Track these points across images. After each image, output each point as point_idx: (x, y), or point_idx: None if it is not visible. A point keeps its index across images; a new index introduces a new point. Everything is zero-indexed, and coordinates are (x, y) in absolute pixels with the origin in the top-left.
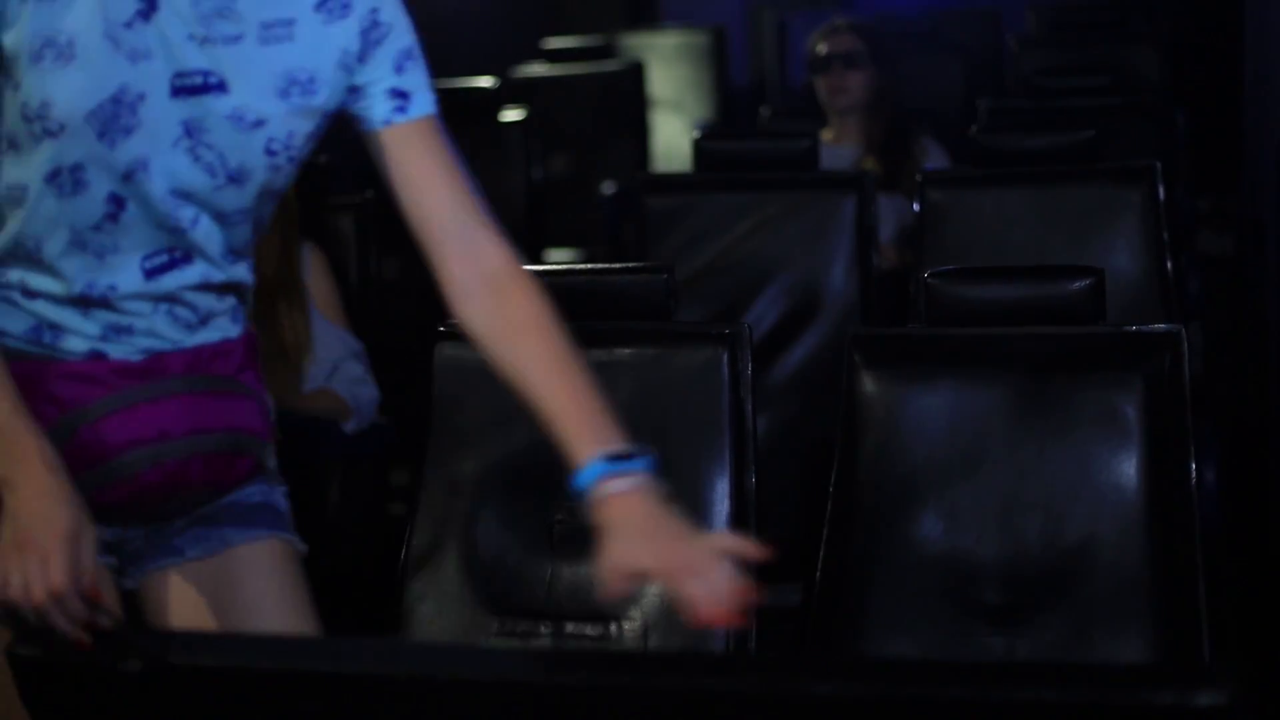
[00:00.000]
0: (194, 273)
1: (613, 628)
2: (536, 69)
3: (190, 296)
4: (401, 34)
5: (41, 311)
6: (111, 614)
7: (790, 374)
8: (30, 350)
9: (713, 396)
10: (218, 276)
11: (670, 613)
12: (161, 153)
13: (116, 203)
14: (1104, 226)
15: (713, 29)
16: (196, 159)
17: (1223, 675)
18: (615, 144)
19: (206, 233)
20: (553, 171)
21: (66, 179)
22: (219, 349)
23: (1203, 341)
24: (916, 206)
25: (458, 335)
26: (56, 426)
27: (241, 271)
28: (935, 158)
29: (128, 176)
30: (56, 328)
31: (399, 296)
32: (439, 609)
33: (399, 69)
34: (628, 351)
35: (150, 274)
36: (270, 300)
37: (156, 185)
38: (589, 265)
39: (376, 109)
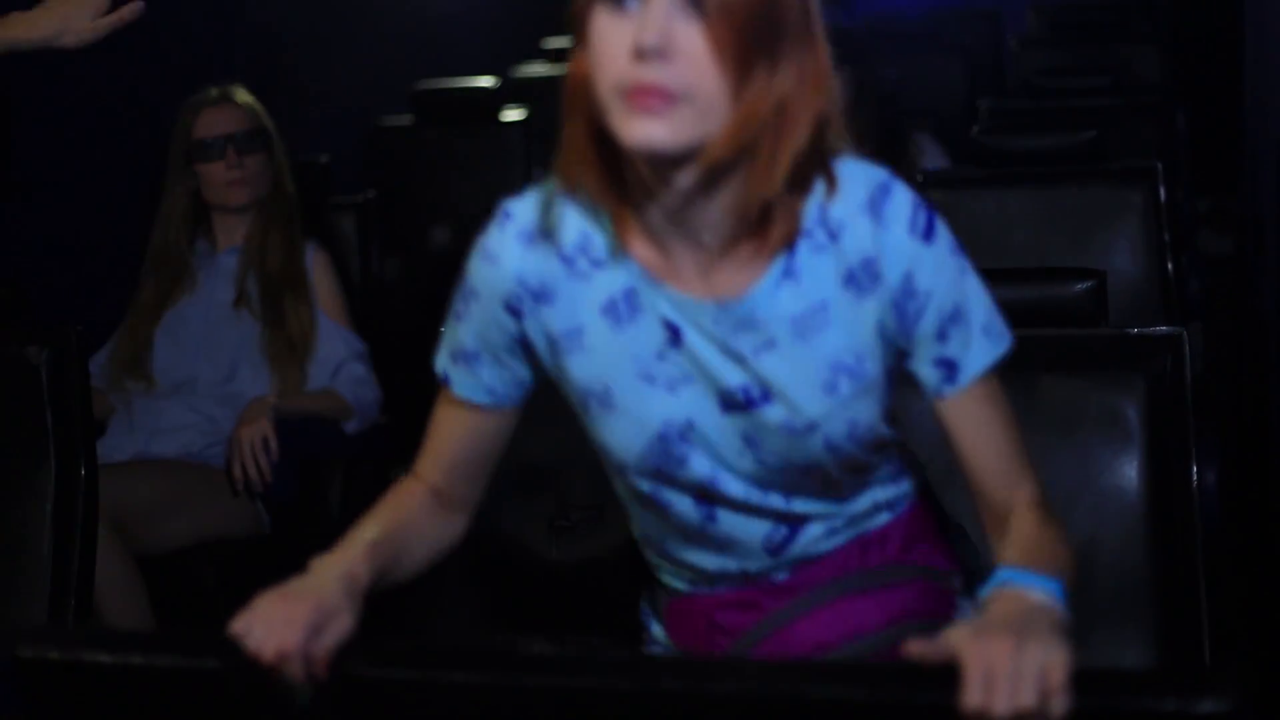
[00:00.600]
0: (816, 529)
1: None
2: (537, 69)
3: (823, 544)
4: (943, 297)
5: (692, 577)
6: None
7: None
8: (690, 591)
9: None
10: (841, 520)
11: None
12: (728, 464)
13: (706, 510)
14: (1105, 227)
15: None
16: (762, 463)
17: (1226, 681)
18: None
19: (806, 503)
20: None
21: (650, 500)
22: (870, 539)
23: (1203, 342)
24: None
25: None
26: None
27: (873, 494)
28: (931, 154)
29: (702, 492)
30: (711, 578)
31: (400, 296)
32: (440, 610)
33: (942, 336)
34: None
35: (774, 551)
36: (276, 296)
37: (734, 490)
38: None
39: (924, 376)
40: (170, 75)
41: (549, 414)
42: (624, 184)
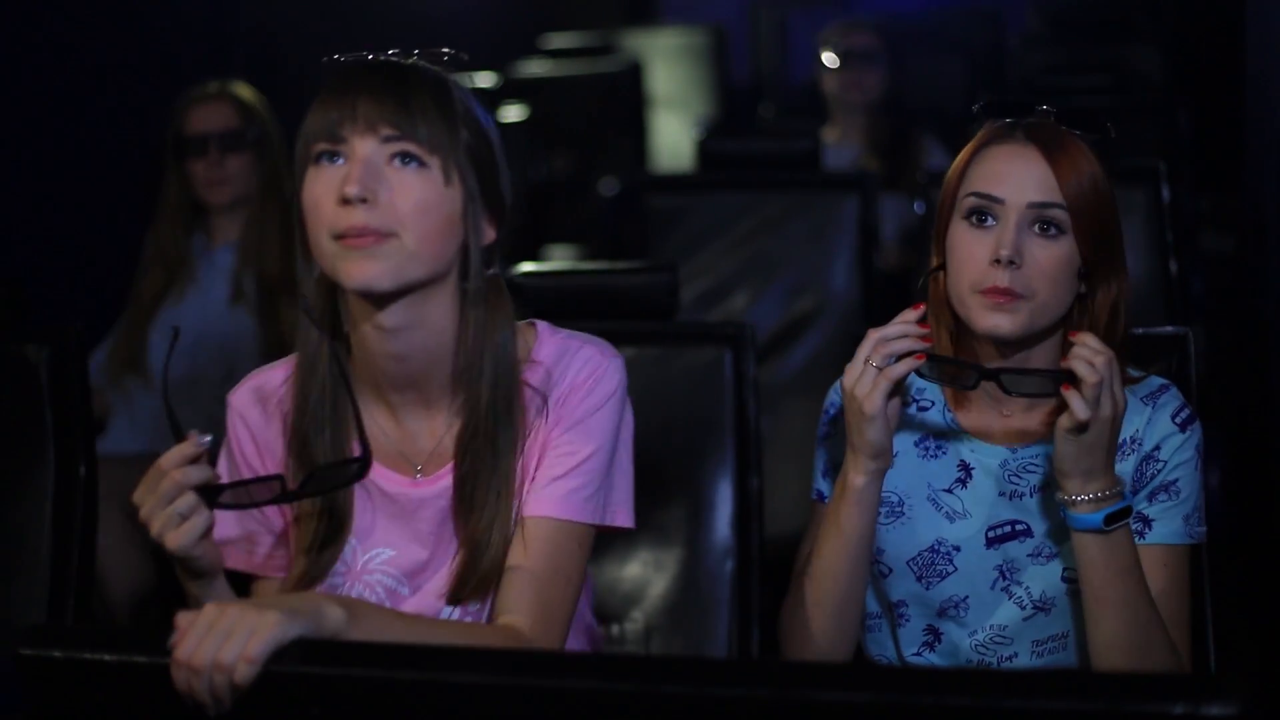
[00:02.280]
0: None
1: (614, 629)
2: (536, 67)
3: None
4: (1171, 470)
5: None
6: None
7: (792, 374)
8: None
9: (716, 396)
10: None
11: (672, 614)
12: (979, 595)
13: (933, 634)
14: None
15: (713, 27)
16: (1010, 596)
17: (1233, 685)
18: (615, 143)
19: (1022, 667)
20: (553, 170)
21: (894, 611)
22: None
23: (1205, 342)
24: (918, 206)
25: None
26: None
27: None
28: (935, 156)
29: (941, 613)
30: None
31: None
32: None
33: (1151, 498)
34: (631, 351)
35: None
36: (272, 296)
37: (970, 622)
38: (593, 265)
39: None
40: (170, 74)
41: None
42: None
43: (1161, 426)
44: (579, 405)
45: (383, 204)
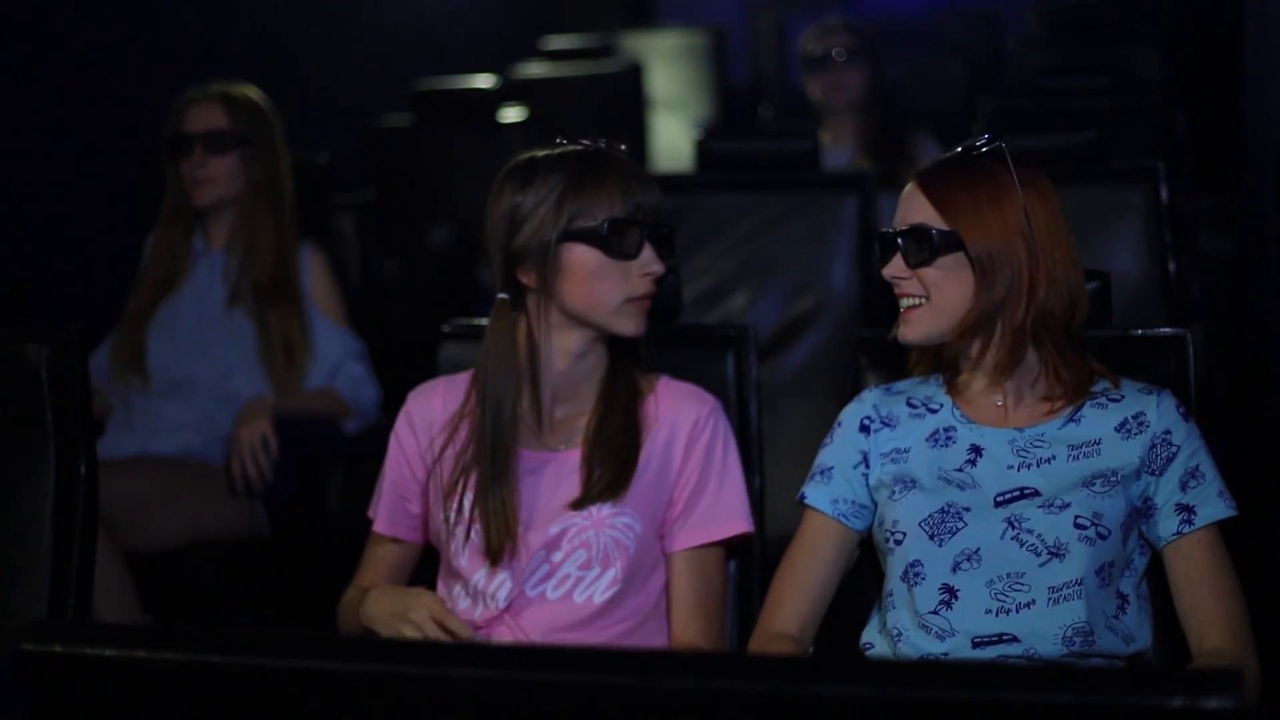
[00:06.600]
0: (1017, 648)
1: None
2: (536, 69)
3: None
4: (1188, 456)
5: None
6: None
7: (792, 374)
8: None
9: (718, 398)
10: (1047, 654)
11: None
12: (990, 545)
13: (948, 592)
14: (1106, 227)
15: (712, 29)
16: (1020, 544)
17: (1233, 680)
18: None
19: (1040, 615)
20: None
21: (910, 574)
22: None
23: (1204, 343)
24: None
25: (459, 335)
26: None
27: (1113, 642)
28: (930, 154)
29: (955, 568)
30: None
31: (399, 296)
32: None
33: (1184, 487)
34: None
35: (979, 645)
36: (266, 297)
37: (985, 571)
38: None
39: (1164, 527)
40: (171, 75)
41: None
42: (958, 369)
43: (1167, 412)
44: (703, 451)
45: None
